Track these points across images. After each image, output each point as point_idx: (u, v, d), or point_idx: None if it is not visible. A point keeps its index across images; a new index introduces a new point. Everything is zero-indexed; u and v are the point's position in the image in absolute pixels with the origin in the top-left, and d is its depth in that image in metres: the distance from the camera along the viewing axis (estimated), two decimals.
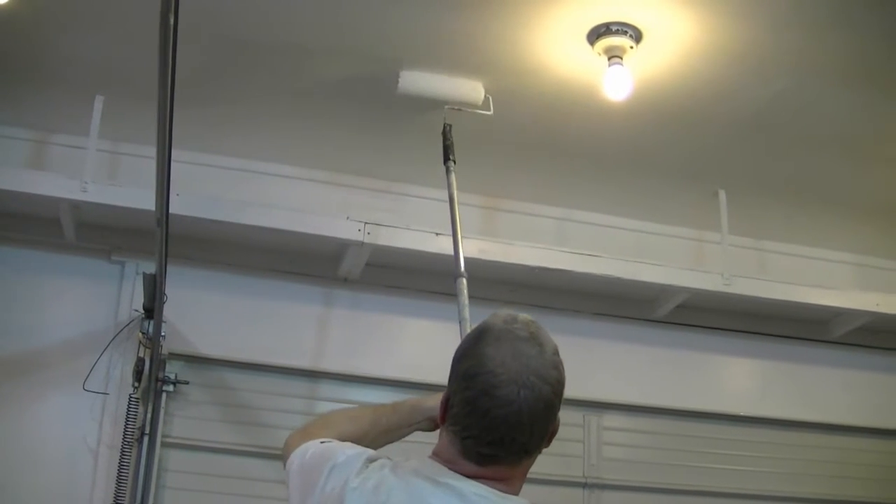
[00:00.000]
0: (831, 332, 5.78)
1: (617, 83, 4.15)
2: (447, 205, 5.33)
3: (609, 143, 4.94)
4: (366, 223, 4.81)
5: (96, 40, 4.21)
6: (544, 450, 2.13)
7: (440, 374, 5.07)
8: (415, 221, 5.01)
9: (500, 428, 1.99)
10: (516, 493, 2.08)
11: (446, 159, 4.51)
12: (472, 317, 5.20)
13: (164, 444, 4.67)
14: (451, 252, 4.67)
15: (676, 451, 5.43)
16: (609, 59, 4.08)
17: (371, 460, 2.14)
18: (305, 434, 2.44)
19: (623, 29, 3.99)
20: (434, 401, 2.46)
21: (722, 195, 5.36)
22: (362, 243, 4.81)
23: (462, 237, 4.30)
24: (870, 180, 5.24)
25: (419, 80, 4.47)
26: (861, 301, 5.51)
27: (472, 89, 4.53)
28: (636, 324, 5.59)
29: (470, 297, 5.23)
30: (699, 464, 5.44)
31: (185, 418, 4.77)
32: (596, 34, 4.04)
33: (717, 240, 5.44)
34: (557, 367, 2.13)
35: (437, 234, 4.91)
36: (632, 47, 4.04)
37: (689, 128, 4.78)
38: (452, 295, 5.26)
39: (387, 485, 2.05)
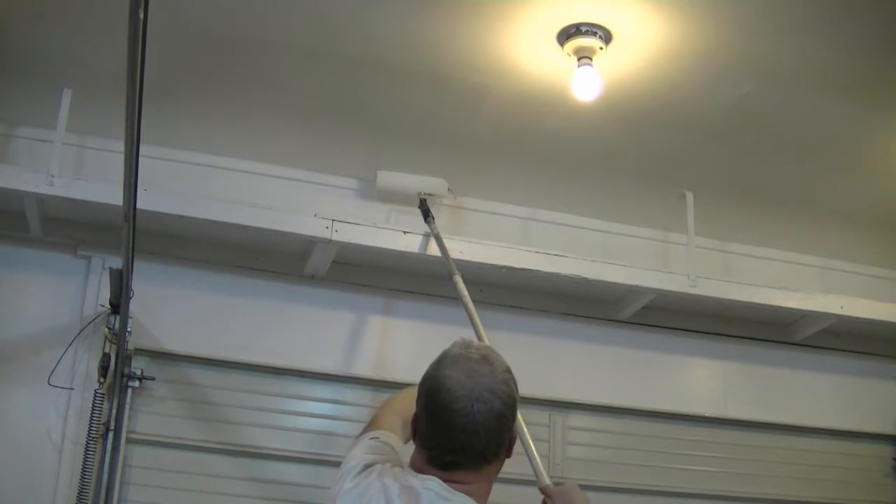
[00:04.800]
0: (796, 335, 5.82)
1: (586, 84, 4.16)
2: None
3: (577, 144, 4.96)
4: (333, 220, 4.80)
5: (65, 33, 4.19)
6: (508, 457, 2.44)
7: (406, 372, 5.11)
8: (382, 219, 5.01)
9: (459, 437, 2.32)
10: (479, 496, 2.38)
11: (426, 219, 5.09)
12: (439, 315, 5.23)
13: (129, 440, 4.65)
14: (417, 251, 4.76)
15: (641, 451, 5.45)
16: (578, 59, 4.10)
17: (368, 465, 2.46)
18: (373, 422, 2.84)
19: (593, 30, 4.00)
20: None
21: (689, 197, 5.39)
22: (329, 241, 4.80)
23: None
24: (835, 184, 5.28)
25: (394, 179, 5.26)
26: (825, 304, 5.54)
27: (437, 184, 5.30)
28: (602, 324, 5.60)
29: (436, 296, 5.26)
30: (663, 464, 5.46)
31: (150, 414, 4.75)
32: (566, 35, 4.05)
33: (684, 241, 5.46)
34: (508, 383, 2.41)
35: (404, 232, 4.92)
36: (601, 48, 4.05)
37: (657, 129, 4.81)
38: (417, 293, 5.28)
39: (370, 491, 2.38)
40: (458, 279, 4.44)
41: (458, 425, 2.31)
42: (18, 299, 4.78)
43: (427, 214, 5.07)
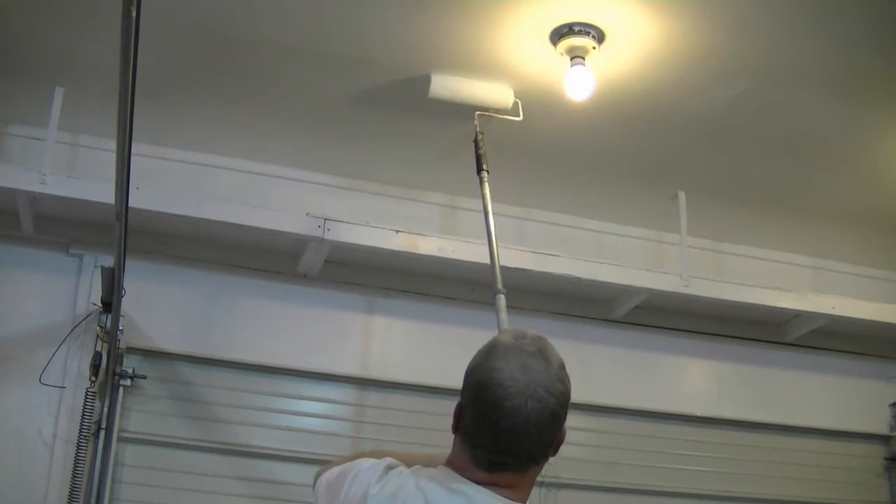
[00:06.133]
0: (787, 335, 5.83)
1: (579, 84, 4.16)
2: (406, 202, 5.35)
3: (570, 144, 4.95)
4: (325, 219, 4.80)
5: (57, 31, 4.18)
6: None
7: (398, 371, 5.11)
8: (374, 218, 5.00)
9: (509, 437, 2.12)
10: (523, 500, 2.20)
11: (479, 169, 4.51)
12: (432, 315, 5.24)
13: (120, 439, 4.65)
14: (409, 250, 4.73)
15: (633, 450, 5.46)
16: (571, 59, 4.09)
17: (391, 467, 2.25)
18: (334, 464, 2.48)
19: (586, 30, 3.99)
20: None
21: (681, 197, 5.39)
22: (321, 239, 4.80)
23: (499, 252, 4.36)
24: (828, 184, 5.29)
25: (450, 84, 4.44)
26: (817, 304, 5.55)
27: (502, 94, 4.52)
28: (594, 324, 5.60)
29: (429, 295, 5.24)
30: (655, 464, 5.46)
31: (141, 413, 4.75)
32: (559, 34, 4.04)
33: (676, 241, 5.47)
34: (563, 381, 2.25)
35: (396, 231, 4.92)
36: (594, 48, 4.05)
37: (650, 129, 4.80)
38: (410, 292, 5.27)
39: (404, 491, 2.15)
40: (502, 298, 4.17)
41: (509, 425, 2.11)
42: (10, 297, 4.77)
43: (480, 163, 4.53)
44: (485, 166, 4.51)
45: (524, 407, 2.11)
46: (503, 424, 2.11)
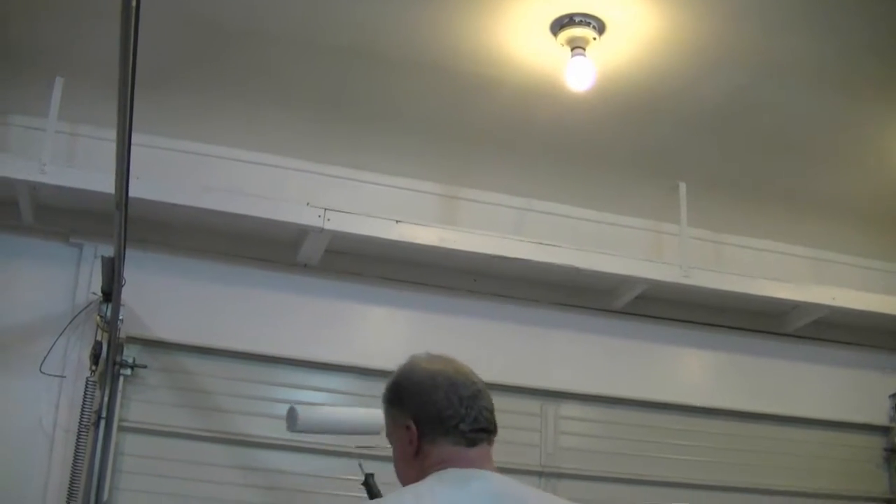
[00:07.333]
0: (787, 326, 5.83)
1: (579, 74, 4.16)
2: (406, 192, 5.37)
3: (570, 134, 4.96)
4: (326, 209, 4.80)
5: (58, 21, 4.18)
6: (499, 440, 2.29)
7: (397, 361, 5.09)
8: (375, 208, 5.00)
9: (476, 406, 2.23)
10: None
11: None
12: (432, 305, 5.24)
13: (120, 429, 4.64)
14: (409, 240, 4.75)
15: (632, 440, 5.45)
16: (572, 50, 4.10)
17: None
18: None
19: (586, 20, 4.00)
20: None
21: (682, 187, 5.39)
22: (322, 229, 4.80)
23: None
24: (827, 176, 5.29)
25: (315, 415, 3.89)
26: (817, 295, 5.56)
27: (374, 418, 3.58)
28: (595, 314, 5.60)
29: (430, 285, 5.25)
30: (655, 454, 5.46)
31: (142, 402, 4.74)
32: (559, 25, 4.05)
33: (676, 232, 5.47)
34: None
35: (396, 221, 4.92)
36: (595, 39, 4.05)
37: (651, 120, 4.81)
38: (410, 282, 5.28)
39: (417, 490, 2.12)
40: None
41: (468, 394, 2.23)
42: (10, 287, 4.77)
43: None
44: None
45: (467, 380, 2.27)
46: (462, 393, 2.23)
